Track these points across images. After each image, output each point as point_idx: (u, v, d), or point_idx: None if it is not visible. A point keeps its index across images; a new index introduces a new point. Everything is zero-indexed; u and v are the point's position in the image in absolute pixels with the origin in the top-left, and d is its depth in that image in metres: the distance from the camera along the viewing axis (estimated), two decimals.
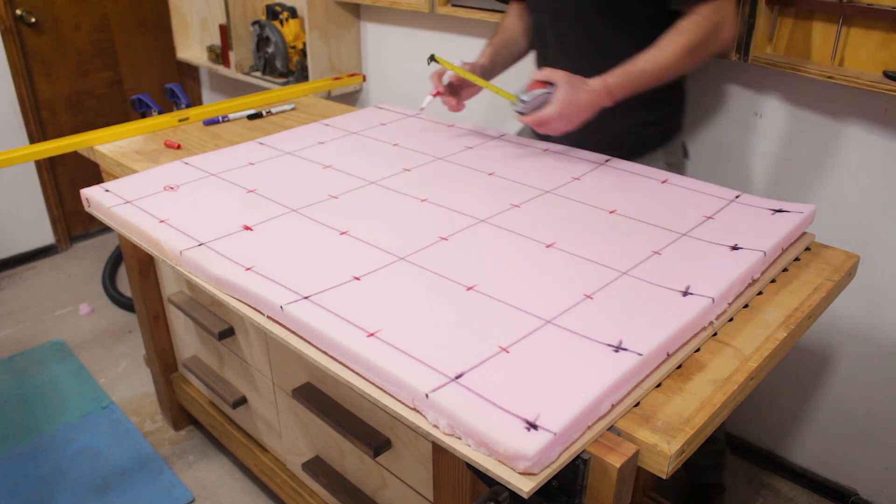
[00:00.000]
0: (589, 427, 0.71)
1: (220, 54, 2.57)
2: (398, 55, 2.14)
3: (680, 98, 1.39)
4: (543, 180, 1.22)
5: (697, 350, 0.84)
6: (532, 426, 0.66)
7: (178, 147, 1.50)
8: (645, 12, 1.24)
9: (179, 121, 1.66)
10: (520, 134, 1.52)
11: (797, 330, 0.89)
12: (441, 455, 0.95)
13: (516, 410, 0.68)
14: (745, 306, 0.93)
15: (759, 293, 0.95)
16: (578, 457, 0.70)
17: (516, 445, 0.64)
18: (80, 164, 2.59)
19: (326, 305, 0.86)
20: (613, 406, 0.73)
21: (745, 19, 1.36)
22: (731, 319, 0.90)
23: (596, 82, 1.18)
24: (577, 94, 1.17)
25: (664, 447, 0.69)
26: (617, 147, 1.31)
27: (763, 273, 0.96)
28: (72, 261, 2.82)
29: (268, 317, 0.89)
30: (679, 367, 0.81)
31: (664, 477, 0.71)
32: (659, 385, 0.78)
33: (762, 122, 1.53)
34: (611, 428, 0.73)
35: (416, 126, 1.55)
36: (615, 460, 0.69)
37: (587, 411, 0.69)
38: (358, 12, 2.21)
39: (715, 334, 0.87)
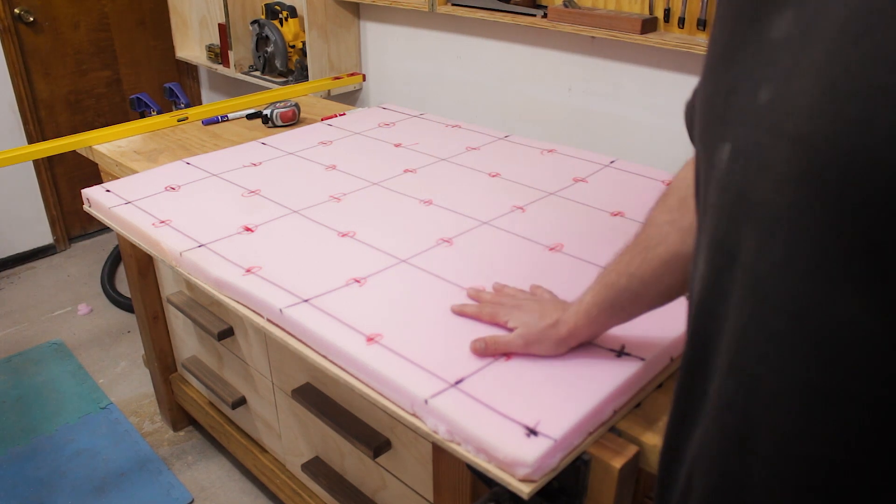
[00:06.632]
0: (591, 433, 0.70)
1: (220, 53, 2.56)
2: (398, 55, 2.14)
3: None
4: (548, 182, 1.21)
5: None
6: (532, 432, 0.66)
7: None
8: None
9: (178, 120, 1.65)
10: None
11: None
12: (441, 455, 0.94)
13: (517, 416, 0.68)
14: None
15: None
16: (579, 458, 0.70)
17: (516, 452, 0.64)
18: (78, 164, 2.59)
19: (326, 309, 0.86)
20: (616, 412, 0.73)
21: None
22: None
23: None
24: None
25: None
26: None
27: None
28: (70, 261, 2.81)
29: (267, 319, 0.89)
30: None
31: None
32: (660, 386, 0.78)
33: None
34: (612, 429, 0.73)
35: (419, 127, 1.55)
36: (616, 461, 0.69)
37: (588, 417, 0.69)
38: (358, 11, 2.20)
39: None
